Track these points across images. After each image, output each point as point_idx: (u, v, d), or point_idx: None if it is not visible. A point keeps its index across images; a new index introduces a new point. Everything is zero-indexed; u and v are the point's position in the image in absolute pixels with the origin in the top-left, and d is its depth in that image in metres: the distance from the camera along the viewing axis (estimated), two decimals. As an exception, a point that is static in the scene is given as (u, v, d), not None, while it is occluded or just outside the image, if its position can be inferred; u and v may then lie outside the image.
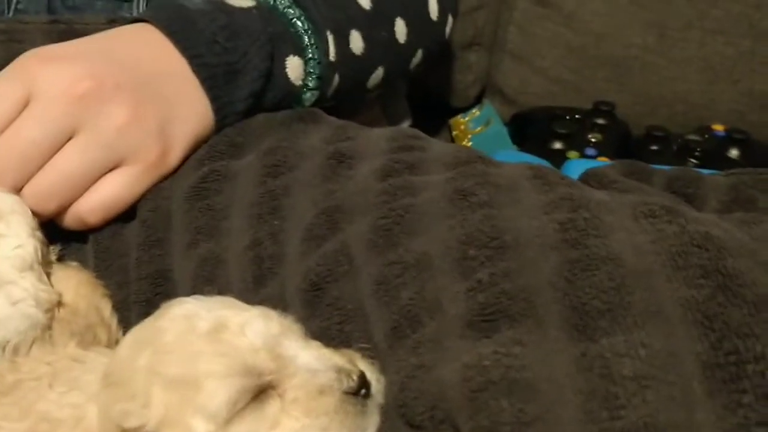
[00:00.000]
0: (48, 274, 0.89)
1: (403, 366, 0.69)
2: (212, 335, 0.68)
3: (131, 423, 0.66)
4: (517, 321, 0.64)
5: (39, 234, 0.89)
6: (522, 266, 0.67)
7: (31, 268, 0.86)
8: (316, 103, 1.13)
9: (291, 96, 1.09)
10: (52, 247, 0.93)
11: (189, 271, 0.88)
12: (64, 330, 0.83)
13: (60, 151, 0.90)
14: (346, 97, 1.20)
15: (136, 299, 0.89)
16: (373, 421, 0.69)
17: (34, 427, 0.69)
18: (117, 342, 0.86)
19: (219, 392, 0.66)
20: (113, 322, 0.90)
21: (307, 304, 0.78)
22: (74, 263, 0.94)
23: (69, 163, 0.90)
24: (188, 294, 0.88)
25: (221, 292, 0.86)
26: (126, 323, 0.89)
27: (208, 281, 0.88)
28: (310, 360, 0.69)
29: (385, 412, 0.70)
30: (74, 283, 0.90)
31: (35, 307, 0.83)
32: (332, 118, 1.05)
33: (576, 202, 0.73)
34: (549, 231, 0.69)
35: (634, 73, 1.72)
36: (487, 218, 0.73)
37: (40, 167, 0.90)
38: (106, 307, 0.90)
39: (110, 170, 0.93)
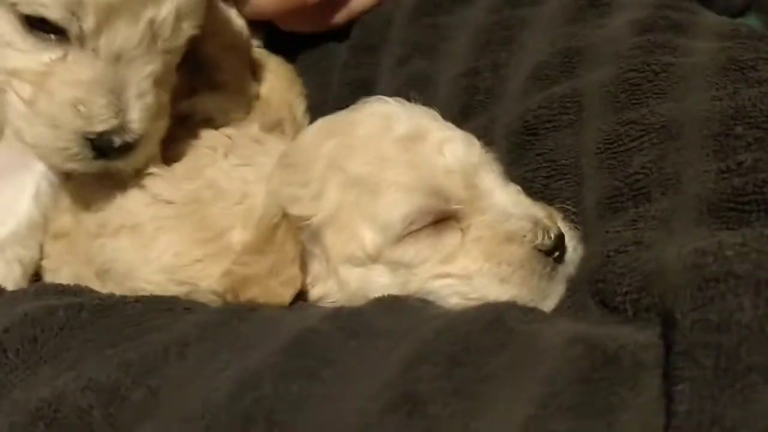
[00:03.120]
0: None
1: (614, 238, 0.57)
2: (407, 142, 0.59)
3: (297, 210, 0.59)
4: None
5: None
6: None
7: None
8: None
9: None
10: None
11: (394, 87, 0.80)
12: (253, 118, 0.78)
13: None
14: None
15: (334, 104, 0.82)
16: (557, 290, 0.58)
17: (197, 192, 0.64)
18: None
19: (398, 205, 0.57)
20: (305, 122, 0.83)
21: (515, 147, 0.68)
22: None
23: None
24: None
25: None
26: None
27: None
28: (506, 201, 0.59)
29: (575, 284, 0.59)
30: (272, 76, 0.83)
31: None
32: None
33: None
34: None
35: None
36: (767, 96, 0.58)
37: None
38: (300, 106, 0.84)
39: None
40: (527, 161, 0.67)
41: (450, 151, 0.59)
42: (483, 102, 0.74)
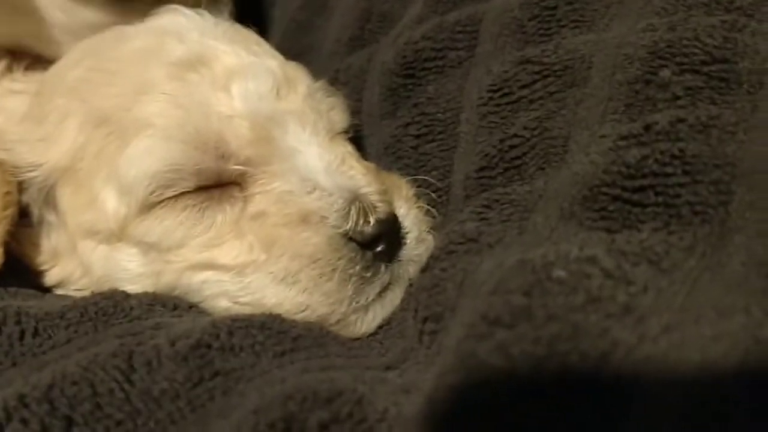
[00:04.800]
0: None
1: (454, 231, 0.38)
2: (181, 69, 0.41)
3: (21, 155, 0.42)
4: None
5: None
6: None
7: None
8: None
9: None
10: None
11: (289, 11, 0.62)
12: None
13: None
14: None
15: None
16: (383, 300, 0.40)
17: None
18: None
19: (144, 158, 0.39)
20: None
21: (388, 93, 0.49)
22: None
23: None
24: (275, 44, 0.62)
25: (310, 46, 0.60)
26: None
27: (301, 29, 0.61)
28: (314, 165, 0.40)
29: (424, 296, 0.38)
30: None
31: None
32: None
33: None
34: None
35: None
36: (728, 28, 0.37)
37: None
38: None
39: None
40: (401, 114, 0.48)
41: (240, 87, 0.41)
42: (373, 31, 0.55)
